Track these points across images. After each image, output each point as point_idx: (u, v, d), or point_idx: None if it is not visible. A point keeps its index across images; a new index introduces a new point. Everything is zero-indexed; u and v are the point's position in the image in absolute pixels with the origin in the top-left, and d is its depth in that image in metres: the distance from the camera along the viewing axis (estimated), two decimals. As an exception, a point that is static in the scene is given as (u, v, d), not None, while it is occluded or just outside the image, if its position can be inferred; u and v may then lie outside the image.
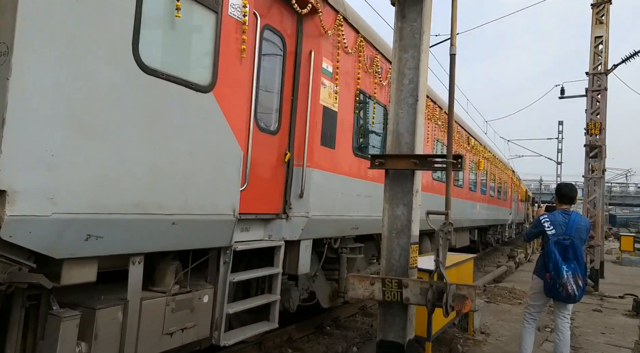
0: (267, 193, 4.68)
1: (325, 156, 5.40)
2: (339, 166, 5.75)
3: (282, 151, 4.95)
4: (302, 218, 5.02)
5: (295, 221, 4.96)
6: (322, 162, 5.35)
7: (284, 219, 4.88)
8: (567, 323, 4.93)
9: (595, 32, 12.30)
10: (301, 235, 5.02)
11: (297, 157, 5.04)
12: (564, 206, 5.05)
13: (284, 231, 4.88)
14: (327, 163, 5.46)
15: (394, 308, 4.06)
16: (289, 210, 4.94)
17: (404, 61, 4.28)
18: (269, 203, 4.74)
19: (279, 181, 4.90)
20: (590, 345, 6.45)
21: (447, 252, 3.96)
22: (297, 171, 5.02)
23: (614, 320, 8.24)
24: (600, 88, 12.27)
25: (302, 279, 5.59)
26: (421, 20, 4.22)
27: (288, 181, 4.97)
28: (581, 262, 4.66)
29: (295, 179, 5.00)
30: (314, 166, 5.17)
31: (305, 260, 5.21)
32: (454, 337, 6.26)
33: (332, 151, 5.59)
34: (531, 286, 5.19)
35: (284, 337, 5.99)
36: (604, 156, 12.30)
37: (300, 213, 5.00)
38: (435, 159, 4.10)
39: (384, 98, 7.12)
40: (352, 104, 6.12)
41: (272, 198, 4.79)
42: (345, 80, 5.90)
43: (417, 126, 4.15)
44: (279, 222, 4.85)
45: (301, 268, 5.13)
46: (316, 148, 5.21)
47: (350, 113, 6.10)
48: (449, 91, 4.18)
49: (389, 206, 4.20)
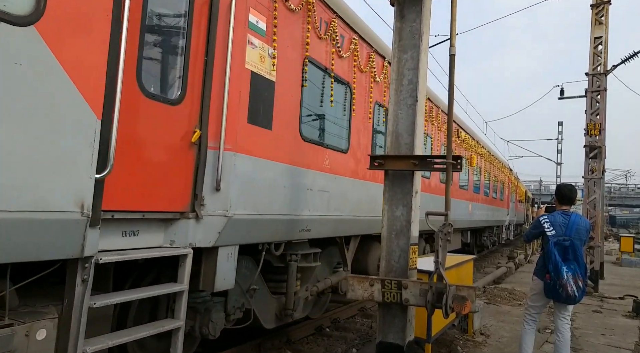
0: (162, 184, 3.42)
1: (256, 138, 4.25)
2: (279, 152, 4.59)
3: (188, 128, 3.63)
4: (220, 218, 3.83)
5: (209, 222, 3.74)
6: (252, 145, 4.20)
7: (193, 220, 3.62)
8: (567, 325, 4.91)
9: (595, 33, 12.30)
10: (219, 239, 3.82)
11: (213, 137, 3.77)
12: (564, 207, 5.04)
13: (193, 236, 3.62)
14: (260, 147, 4.31)
15: (394, 310, 4.04)
16: (199, 207, 3.66)
17: (403, 61, 4.28)
18: (168, 198, 3.48)
19: (183, 168, 3.60)
20: (590, 347, 6.43)
21: (447, 253, 3.96)
22: (212, 155, 3.76)
23: (614, 321, 8.23)
24: (600, 89, 12.27)
25: (233, 295, 4.46)
26: (420, 21, 4.22)
27: (199, 168, 3.68)
28: (581, 263, 4.65)
29: (210, 166, 3.76)
30: (239, 149, 4.03)
31: (226, 272, 3.95)
32: (453, 339, 6.24)
33: (268, 133, 4.42)
34: (531, 288, 5.17)
35: (282, 338, 5.97)
36: (603, 156, 12.30)
37: (216, 211, 3.81)
38: (434, 160, 4.09)
39: (346, 74, 5.98)
40: (298, 75, 4.95)
41: (173, 191, 3.52)
42: (288, 44, 4.72)
43: (417, 126, 4.14)
44: (184, 223, 3.60)
45: (219, 283, 3.87)
46: (241, 127, 4.05)
47: (296, 87, 4.94)
48: (449, 91, 4.18)
49: (389, 207, 4.19)
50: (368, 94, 6.67)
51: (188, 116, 3.66)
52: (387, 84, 7.04)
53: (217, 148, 3.80)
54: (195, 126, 3.71)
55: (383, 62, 7.04)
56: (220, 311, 4.29)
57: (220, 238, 3.87)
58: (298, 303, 5.31)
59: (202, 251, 3.85)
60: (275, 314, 5.23)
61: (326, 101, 5.60)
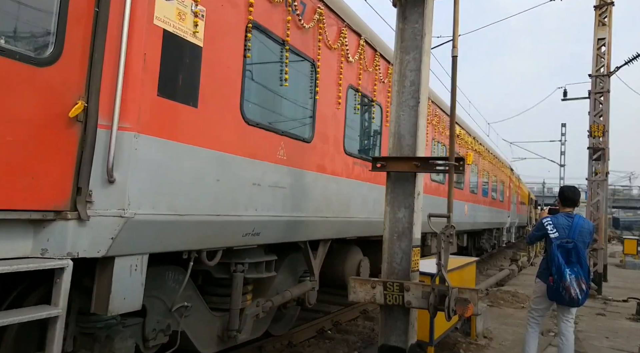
0: (25, 173, 2.64)
1: (172, 116, 3.30)
2: (210, 136, 3.64)
3: (66, 99, 2.83)
4: (113, 219, 2.94)
5: (98, 225, 2.88)
6: (165, 125, 3.25)
7: (74, 221, 2.81)
8: (571, 327, 4.88)
9: (598, 34, 12.27)
10: (113, 247, 2.92)
11: (106, 112, 2.94)
12: (567, 209, 5.01)
13: (74, 242, 2.80)
14: (179, 128, 3.36)
15: (396, 312, 4.02)
16: (84, 205, 2.85)
17: (406, 62, 4.27)
18: (37, 192, 2.70)
19: (59, 152, 2.81)
20: (594, 350, 6.39)
21: (449, 255, 3.94)
22: (103, 136, 2.92)
23: (617, 324, 8.17)
24: (603, 90, 12.23)
25: (155, 316, 3.65)
26: (422, 22, 4.20)
27: (84, 153, 2.91)
28: (584, 266, 4.62)
29: (100, 150, 2.92)
30: (143, 129, 3.10)
31: (127, 289, 3.08)
32: (456, 342, 6.21)
33: (192, 111, 3.47)
34: (534, 290, 5.14)
35: (284, 341, 5.95)
36: (607, 158, 12.26)
37: (108, 211, 2.92)
38: (436, 161, 4.07)
39: (309, 49, 5.01)
40: (238, 43, 3.97)
41: (44, 183, 2.74)
42: (223, 2, 3.81)
43: (419, 128, 4.13)
44: (62, 226, 2.79)
45: (116, 304, 2.99)
46: (147, 100, 3.13)
47: (236, 57, 3.95)
48: (451, 92, 4.16)
49: (391, 208, 4.17)
50: (338, 75, 5.66)
51: (65, 82, 2.81)
52: (363, 66, 6.19)
53: (110, 127, 2.92)
54: (80, 97, 2.87)
55: (358, 41, 6.08)
56: (127, 338, 3.38)
57: (116, 246, 2.95)
58: (245, 322, 4.49)
59: (96, 262, 3.01)
60: (218, 336, 4.40)
61: (280, 79, 4.64)
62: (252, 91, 4.28)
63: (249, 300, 4.60)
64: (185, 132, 3.42)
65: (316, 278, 5.56)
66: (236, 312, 4.36)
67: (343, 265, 6.48)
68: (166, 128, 3.27)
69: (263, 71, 4.50)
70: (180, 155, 3.37)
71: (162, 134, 3.24)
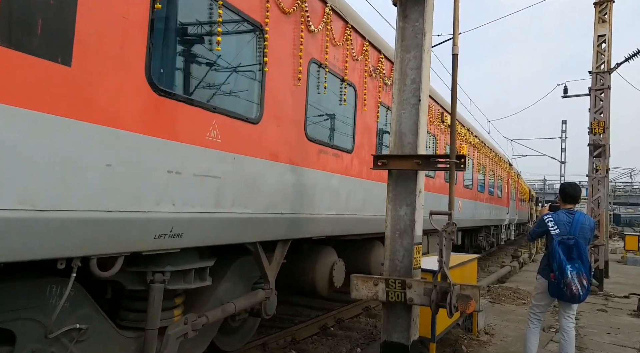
0: None
1: (17, 71, 2.40)
2: (89, 104, 2.72)
3: None
4: None
5: None
6: (13, 86, 2.39)
7: None
8: (572, 324, 4.90)
9: (598, 31, 12.27)
10: None
11: None
12: (568, 205, 5.03)
13: None
14: (28, 90, 2.45)
15: (398, 309, 4.05)
16: None
17: (406, 61, 4.28)
18: None
19: None
20: (595, 345, 6.42)
21: (451, 252, 3.97)
22: None
23: (619, 319, 8.20)
24: (604, 87, 12.23)
25: (27, 343, 2.86)
26: (423, 21, 4.22)
27: None
28: (585, 262, 4.64)
29: None
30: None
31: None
32: (458, 338, 6.24)
33: (53, 67, 2.55)
34: (535, 287, 5.17)
35: (287, 338, 5.99)
36: (607, 155, 12.27)
37: None
38: (438, 159, 4.10)
39: (252, 9, 4.14)
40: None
41: None
42: None
43: (420, 126, 4.15)
44: None
45: None
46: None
47: (140, 4, 3.07)
48: (452, 90, 4.18)
49: (392, 206, 4.20)
50: (296, 46, 4.81)
51: None
52: (330, 39, 5.43)
53: None
54: None
55: (323, 9, 5.28)
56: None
57: None
58: (167, 344, 3.61)
59: None
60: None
61: (211, 43, 3.73)
62: (167, 53, 3.43)
63: (176, 316, 3.83)
64: (42, 96, 2.50)
65: (271, 286, 4.74)
66: (153, 332, 3.49)
67: (313, 269, 5.81)
68: (16, 91, 2.38)
69: (185, 29, 3.67)
70: (33, 129, 2.46)
71: (6, 99, 2.34)
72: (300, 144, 4.95)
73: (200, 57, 3.78)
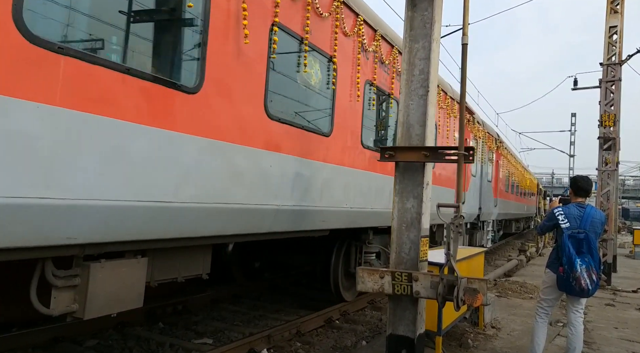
0: None
1: None
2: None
3: None
4: None
5: None
6: None
7: None
8: (580, 318, 4.85)
9: (610, 22, 12.06)
10: None
11: None
12: (579, 199, 4.95)
13: None
14: None
15: (404, 302, 4.02)
16: None
17: (415, 51, 4.21)
18: None
19: None
20: (603, 340, 6.36)
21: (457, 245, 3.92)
22: None
23: (627, 314, 8.13)
24: (615, 79, 12.05)
25: None
26: (432, 10, 4.14)
27: None
28: (595, 256, 4.58)
29: None
30: None
31: None
32: (464, 332, 6.20)
33: None
34: (544, 280, 5.11)
35: (292, 330, 5.98)
36: (617, 148, 12.12)
37: None
38: (446, 151, 4.04)
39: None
40: None
41: None
42: None
43: (428, 117, 4.08)
44: None
45: None
46: None
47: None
48: (461, 80, 4.11)
49: (399, 199, 4.15)
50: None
51: None
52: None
53: None
54: None
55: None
56: None
57: None
58: None
59: None
60: None
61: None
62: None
63: None
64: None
65: None
66: None
67: None
68: None
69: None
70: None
71: None
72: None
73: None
